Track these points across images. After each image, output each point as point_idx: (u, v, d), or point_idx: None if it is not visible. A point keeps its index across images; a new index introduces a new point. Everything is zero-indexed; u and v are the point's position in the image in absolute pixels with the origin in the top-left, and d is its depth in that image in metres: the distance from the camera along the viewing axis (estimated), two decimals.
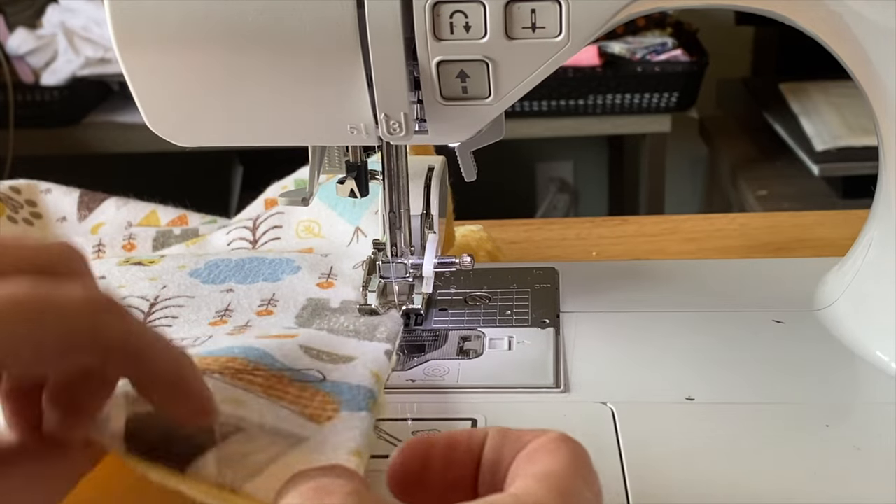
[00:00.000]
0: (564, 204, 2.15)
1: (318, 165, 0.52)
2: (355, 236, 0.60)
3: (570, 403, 0.46)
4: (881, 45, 0.44)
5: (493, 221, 0.73)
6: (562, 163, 2.16)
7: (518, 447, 0.33)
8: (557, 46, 0.42)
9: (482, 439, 0.34)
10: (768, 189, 1.54)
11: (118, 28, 0.43)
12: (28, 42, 1.56)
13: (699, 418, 0.45)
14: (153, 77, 0.44)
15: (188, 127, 0.46)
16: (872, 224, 0.51)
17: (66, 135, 1.62)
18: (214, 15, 0.42)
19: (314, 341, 0.46)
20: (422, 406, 0.46)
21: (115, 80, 1.61)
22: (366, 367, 0.44)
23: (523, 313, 0.54)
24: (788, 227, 0.73)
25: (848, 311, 0.51)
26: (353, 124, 0.45)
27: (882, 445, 0.42)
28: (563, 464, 0.32)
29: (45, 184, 0.67)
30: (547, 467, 0.31)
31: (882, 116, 0.47)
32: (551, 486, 0.30)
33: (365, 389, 0.42)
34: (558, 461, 0.32)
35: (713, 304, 0.55)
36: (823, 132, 1.46)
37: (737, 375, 0.48)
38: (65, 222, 0.65)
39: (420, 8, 0.42)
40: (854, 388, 0.48)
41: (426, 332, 0.52)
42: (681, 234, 0.73)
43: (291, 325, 0.50)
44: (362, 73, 0.43)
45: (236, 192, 1.90)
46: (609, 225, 0.75)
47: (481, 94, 0.44)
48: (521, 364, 0.49)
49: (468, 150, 0.50)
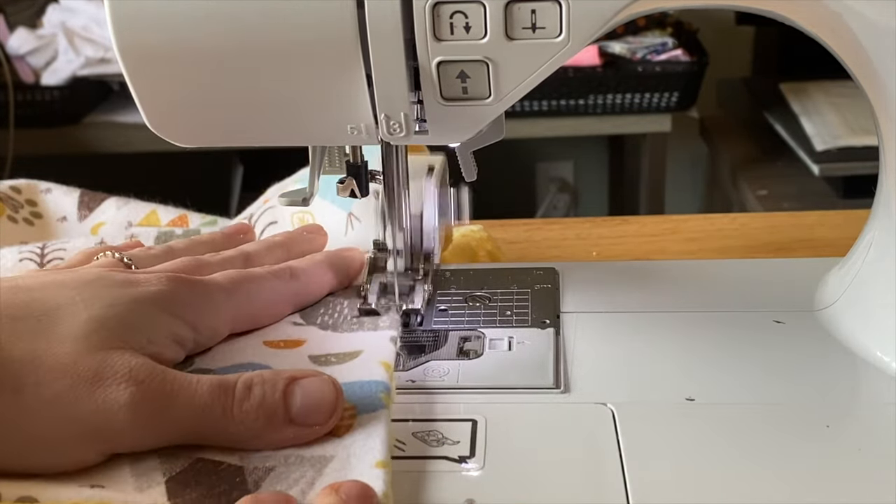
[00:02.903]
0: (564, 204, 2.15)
1: (318, 165, 0.52)
2: (349, 223, 0.60)
3: (570, 404, 0.46)
4: (881, 45, 0.44)
5: (493, 221, 0.73)
6: (562, 163, 2.16)
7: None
8: (557, 47, 0.42)
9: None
10: (768, 189, 1.54)
11: (118, 28, 0.43)
12: (28, 42, 1.56)
13: (699, 418, 0.45)
14: (153, 77, 0.44)
15: (188, 127, 0.46)
16: (872, 224, 0.51)
17: (66, 135, 1.62)
18: (215, 15, 0.42)
19: (321, 346, 0.47)
20: (422, 406, 0.46)
21: (115, 80, 1.61)
22: (374, 359, 0.46)
23: (523, 313, 0.54)
24: (788, 227, 0.73)
25: (848, 311, 0.51)
26: (353, 124, 0.45)
27: (883, 446, 0.42)
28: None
29: (45, 184, 0.67)
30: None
31: (882, 116, 0.47)
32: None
33: (376, 383, 0.44)
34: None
35: (713, 304, 0.54)
36: (824, 132, 1.46)
37: (737, 376, 0.48)
38: (65, 222, 0.65)
39: (420, 8, 0.42)
40: (854, 388, 0.48)
41: (426, 333, 0.52)
42: (681, 234, 0.73)
43: (296, 318, 0.51)
44: (362, 73, 0.43)
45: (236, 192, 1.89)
46: (609, 225, 0.75)
47: (481, 94, 0.44)
48: (521, 364, 0.49)
49: (468, 150, 0.50)
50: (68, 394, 0.38)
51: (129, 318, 0.41)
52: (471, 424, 0.44)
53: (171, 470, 0.39)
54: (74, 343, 0.39)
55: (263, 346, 0.47)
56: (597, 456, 0.42)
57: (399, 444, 0.43)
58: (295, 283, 0.50)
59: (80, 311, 0.40)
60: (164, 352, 0.43)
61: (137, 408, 0.38)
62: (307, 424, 0.40)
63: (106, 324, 0.40)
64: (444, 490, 0.40)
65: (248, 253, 0.52)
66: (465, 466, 0.41)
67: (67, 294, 0.41)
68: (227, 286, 0.47)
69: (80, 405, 0.38)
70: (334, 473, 0.39)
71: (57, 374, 0.38)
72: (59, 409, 0.38)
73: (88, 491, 0.37)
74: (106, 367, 0.39)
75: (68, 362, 0.39)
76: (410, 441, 0.43)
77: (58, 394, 0.38)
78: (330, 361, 0.46)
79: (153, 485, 0.38)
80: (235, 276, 0.48)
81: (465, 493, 0.40)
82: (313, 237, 0.56)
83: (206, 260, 0.50)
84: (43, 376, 0.38)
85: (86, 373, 0.38)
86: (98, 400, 0.38)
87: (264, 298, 0.48)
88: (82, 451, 0.39)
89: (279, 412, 0.40)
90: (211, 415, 0.39)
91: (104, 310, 0.41)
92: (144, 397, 0.39)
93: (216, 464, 0.39)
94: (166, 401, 0.39)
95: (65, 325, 0.40)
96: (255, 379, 0.40)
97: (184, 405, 0.39)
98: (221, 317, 0.46)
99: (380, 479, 0.38)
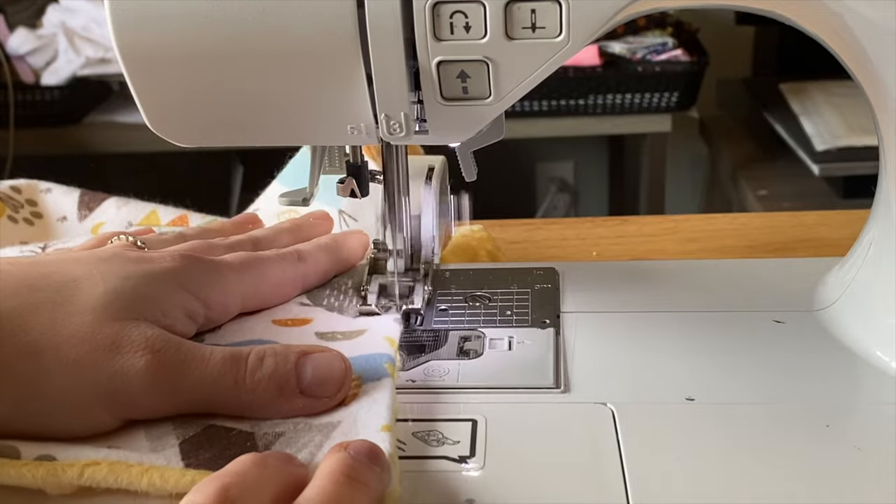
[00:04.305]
0: (564, 204, 2.15)
1: (318, 165, 0.52)
2: (341, 220, 0.60)
3: (570, 403, 0.46)
4: (881, 45, 0.44)
5: (493, 221, 0.73)
6: (562, 163, 2.16)
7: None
8: (557, 46, 0.42)
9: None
10: (769, 189, 1.54)
11: (118, 28, 0.43)
12: (28, 42, 1.56)
13: (699, 418, 0.45)
14: (153, 77, 0.44)
15: (188, 127, 0.46)
16: (872, 224, 0.51)
17: (66, 135, 1.62)
18: (215, 15, 0.42)
19: (327, 325, 0.49)
20: (422, 406, 0.46)
21: (115, 80, 1.61)
22: (378, 335, 0.48)
23: (523, 313, 0.54)
24: (789, 227, 0.73)
25: (848, 311, 0.51)
26: (353, 124, 0.45)
27: (882, 445, 0.42)
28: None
29: (45, 183, 0.67)
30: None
31: (882, 116, 0.47)
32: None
33: (381, 356, 0.46)
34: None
35: (713, 304, 0.54)
36: (824, 132, 1.46)
37: (737, 375, 0.48)
38: (65, 222, 0.65)
39: (420, 8, 0.42)
40: (854, 388, 0.48)
41: (426, 332, 0.52)
42: (681, 233, 0.73)
43: (303, 299, 0.52)
44: (362, 73, 0.43)
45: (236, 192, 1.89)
46: (609, 225, 0.75)
47: (481, 94, 0.44)
48: (521, 364, 0.49)
49: (468, 150, 0.50)
50: (87, 359, 0.40)
51: (144, 291, 0.43)
52: (471, 424, 0.44)
53: (185, 434, 0.41)
54: (93, 313, 0.41)
55: (272, 324, 0.49)
56: (597, 456, 0.42)
57: (399, 444, 0.43)
58: (302, 264, 0.52)
59: (97, 283, 0.42)
60: (176, 325, 0.44)
61: (153, 375, 0.40)
62: (317, 396, 0.42)
63: (122, 296, 0.42)
64: (444, 490, 0.40)
65: (257, 237, 0.54)
66: (465, 466, 0.41)
67: (85, 268, 0.43)
68: (237, 265, 0.48)
69: (99, 371, 0.40)
70: (341, 437, 0.40)
71: (76, 341, 0.40)
72: (78, 374, 0.40)
73: (105, 451, 0.39)
74: (123, 335, 0.41)
75: (87, 331, 0.40)
76: (410, 441, 0.43)
77: (77, 359, 0.40)
78: (336, 338, 0.48)
79: (167, 447, 0.40)
80: (245, 256, 0.49)
81: (465, 493, 0.40)
82: (319, 223, 0.58)
83: (216, 243, 0.52)
84: (62, 343, 0.40)
85: (104, 341, 0.40)
86: (116, 366, 0.40)
87: (273, 279, 0.50)
88: (99, 415, 0.40)
89: (290, 383, 0.42)
90: (223, 383, 0.41)
91: (120, 282, 0.43)
92: (160, 365, 0.41)
93: (227, 430, 0.41)
94: (181, 369, 0.41)
95: (83, 297, 0.41)
96: (267, 351, 0.42)
97: (197, 374, 0.41)
98: (231, 294, 0.48)
99: (386, 441, 0.39)
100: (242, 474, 0.36)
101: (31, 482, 0.38)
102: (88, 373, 0.40)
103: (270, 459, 0.37)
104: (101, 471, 0.38)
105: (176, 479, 0.38)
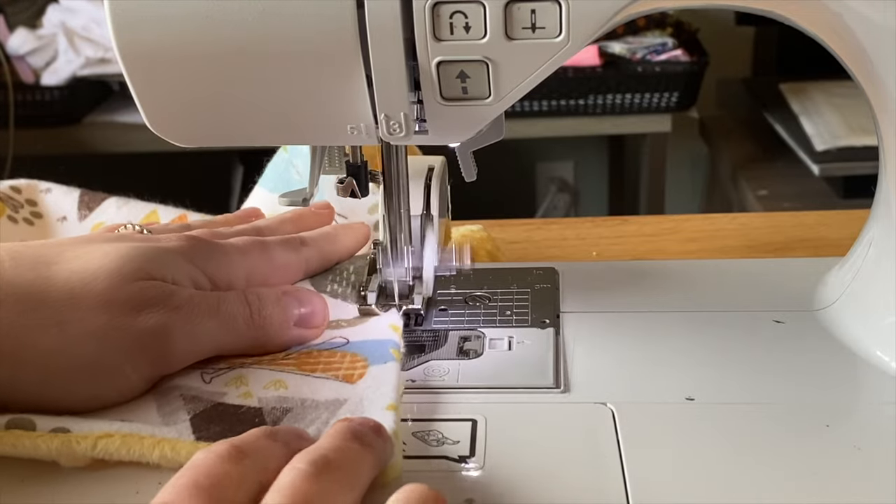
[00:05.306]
0: (564, 204, 2.15)
1: (318, 165, 0.52)
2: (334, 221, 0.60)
3: (570, 403, 0.46)
4: (881, 45, 0.44)
5: (493, 221, 0.73)
6: (562, 163, 2.16)
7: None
8: (557, 46, 0.42)
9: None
10: (769, 189, 1.54)
11: (118, 28, 0.43)
12: (28, 42, 1.56)
13: (699, 418, 0.45)
14: (153, 77, 0.44)
15: (188, 127, 0.46)
16: (872, 224, 0.51)
17: (66, 135, 1.62)
18: (215, 15, 0.42)
19: (332, 312, 0.51)
20: (422, 406, 0.46)
21: (115, 80, 1.61)
22: (383, 322, 0.50)
23: (523, 313, 0.54)
24: (789, 226, 0.73)
25: (848, 311, 0.51)
26: (353, 124, 0.45)
27: (882, 445, 0.42)
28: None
29: (45, 183, 0.67)
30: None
31: (882, 116, 0.47)
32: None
33: (386, 341, 0.47)
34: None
35: (713, 304, 0.54)
36: (824, 132, 1.46)
37: (737, 375, 0.48)
38: (65, 222, 0.65)
39: (420, 8, 0.42)
40: (854, 388, 0.48)
41: (426, 332, 0.52)
42: (681, 234, 0.73)
43: (306, 284, 0.53)
44: (362, 74, 0.43)
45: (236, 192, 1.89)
46: (609, 225, 0.75)
47: (481, 94, 0.44)
48: (521, 364, 0.49)
49: (468, 150, 0.50)
50: (111, 322, 0.42)
51: (155, 256, 0.45)
52: (471, 424, 0.44)
53: (195, 409, 0.42)
54: (109, 278, 0.43)
55: None
56: (597, 456, 0.42)
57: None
58: (305, 250, 0.53)
59: (109, 251, 0.44)
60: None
61: (176, 329, 0.43)
62: (307, 327, 0.48)
63: (134, 259, 0.44)
64: (443, 490, 0.40)
65: (260, 226, 0.55)
66: (465, 466, 0.41)
67: (97, 245, 0.45)
68: (242, 247, 0.50)
69: (123, 332, 0.42)
70: (347, 414, 0.42)
71: (97, 306, 0.42)
72: (103, 338, 0.42)
73: (119, 423, 0.41)
74: (142, 295, 0.43)
75: (106, 296, 0.42)
76: (410, 441, 0.43)
77: (101, 324, 0.42)
78: (341, 325, 0.50)
79: (178, 421, 0.41)
80: (249, 239, 0.51)
81: (465, 493, 0.40)
82: (321, 213, 0.59)
83: (221, 231, 0.53)
84: (84, 310, 0.42)
85: (125, 302, 0.42)
86: (140, 325, 0.42)
87: (276, 261, 0.51)
88: (126, 376, 0.43)
89: (287, 316, 0.47)
90: (235, 325, 0.46)
91: (132, 250, 0.45)
92: (181, 319, 0.43)
93: (236, 406, 0.43)
94: (199, 320, 0.44)
95: (96, 263, 0.43)
96: (262, 292, 0.47)
97: (214, 322, 0.45)
98: (236, 273, 0.49)
99: (390, 419, 0.41)
100: (254, 442, 0.37)
101: (45, 453, 0.39)
102: (113, 336, 0.42)
103: (281, 433, 0.39)
104: (114, 443, 0.39)
105: (187, 451, 0.39)
